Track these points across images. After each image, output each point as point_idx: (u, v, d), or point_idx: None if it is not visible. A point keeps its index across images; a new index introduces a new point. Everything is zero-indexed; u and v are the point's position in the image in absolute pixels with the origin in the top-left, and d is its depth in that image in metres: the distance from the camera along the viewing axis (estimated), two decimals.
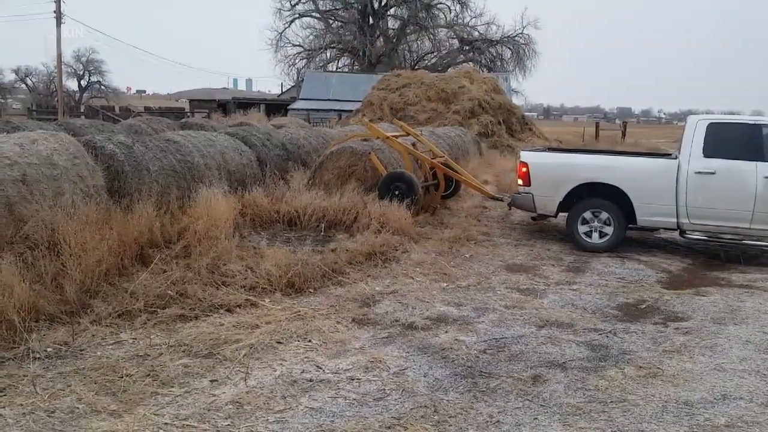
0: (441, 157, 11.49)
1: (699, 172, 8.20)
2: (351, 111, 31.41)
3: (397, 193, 9.63)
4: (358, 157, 10.44)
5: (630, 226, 8.74)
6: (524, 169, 9.16)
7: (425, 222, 9.80)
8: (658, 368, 4.64)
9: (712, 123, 8.39)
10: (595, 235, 8.71)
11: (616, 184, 8.57)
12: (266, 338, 4.90)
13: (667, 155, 9.67)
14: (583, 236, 8.74)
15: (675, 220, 8.43)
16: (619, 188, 8.56)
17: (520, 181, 9.28)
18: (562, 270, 7.62)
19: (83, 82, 62.40)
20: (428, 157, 11.13)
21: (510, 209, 10.48)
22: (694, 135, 8.35)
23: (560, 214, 9.20)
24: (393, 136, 11.15)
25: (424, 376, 4.40)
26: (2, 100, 60.61)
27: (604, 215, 8.65)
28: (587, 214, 8.72)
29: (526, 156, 9.40)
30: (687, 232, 8.48)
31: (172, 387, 4.10)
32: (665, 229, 8.95)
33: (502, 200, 10.66)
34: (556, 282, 7.06)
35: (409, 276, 6.95)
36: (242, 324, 5.18)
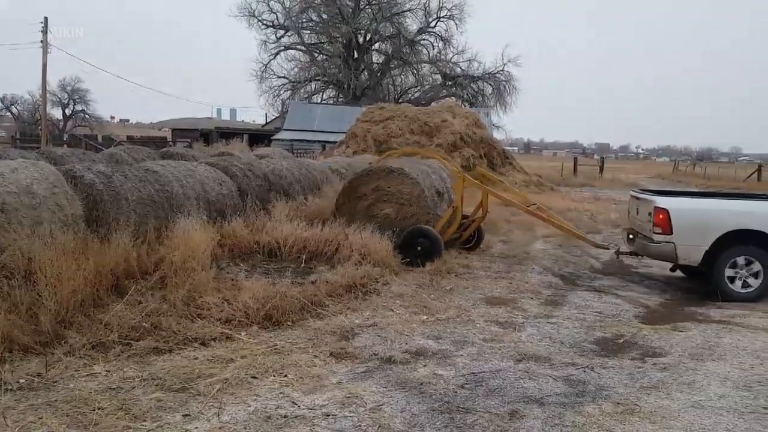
0: (533, 204, 10.95)
1: None
2: (335, 142, 31.61)
3: (419, 249, 9.24)
4: (413, 192, 9.92)
5: None
6: (662, 216, 8.33)
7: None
8: (636, 405, 4.63)
9: None
10: (739, 282, 8.24)
11: None
12: (241, 373, 4.83)
13: None
14: (730, 286, 8.22)
15: None
16: None
17: (658, 230, 8.38)
18: (540, 303, 7.64)
19: (68, 111, 62.26)
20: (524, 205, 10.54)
21: (618, 257, 9.90)
22: None
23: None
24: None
25: (401, 412, 4.35)
26: None
27: (757, 265, 8.15)
28: (739, 260, 8.19)
29: (665, 202, 8.52)
30: None
31: (144, 421, 4.02)
32: None
33: (608, 248, 10.19)
34: (535, 315, 7.07)
35: (389, 309, 6.93)
36: (217, 358, 5.11)
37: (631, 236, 9.21)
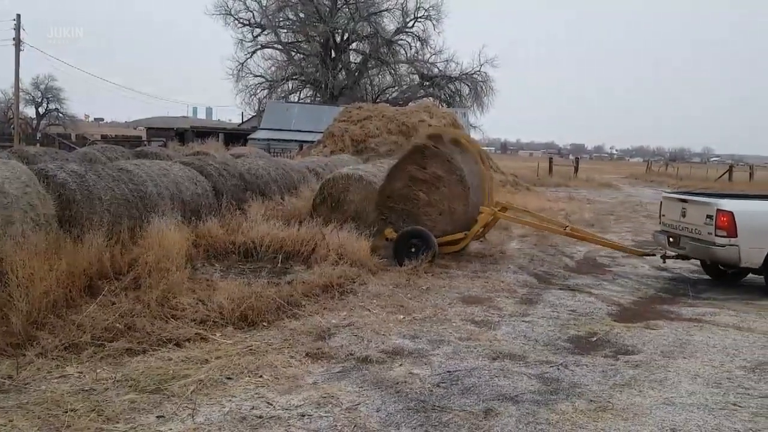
0: (568, 225, 10.94)
1: None
2: (312, 142, 31.46)
3: (413, 250, 9.23)
4: (457, 207, 9.79)
5: None
6: (726, 219, 8.25)
7: (383, 254, 9.81)
8: (608, 402, 4.69)
9: None
10: None
11: None
12: (216, 373, 4.80)
13: None
14: None
15: None
16: None
17: (722, 233, 8.28)
18: (515, 302, 7.71)
19: (41, 110, 61.26)
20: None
21: (664, 262, 9.81)
22: None
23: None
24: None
25: (377, 411, 4.36)
26: None
27: None
28: None
29: (729, 204, 8.45)
30: None
31: (118, 423, 3.98)
32: None
33: (654, 255, 9.93)
34: (510, 314, 7.12)
35: (366, 308, 6.93)
36: (191, 359, 5.07)
37: (672, 239, 9.12)
